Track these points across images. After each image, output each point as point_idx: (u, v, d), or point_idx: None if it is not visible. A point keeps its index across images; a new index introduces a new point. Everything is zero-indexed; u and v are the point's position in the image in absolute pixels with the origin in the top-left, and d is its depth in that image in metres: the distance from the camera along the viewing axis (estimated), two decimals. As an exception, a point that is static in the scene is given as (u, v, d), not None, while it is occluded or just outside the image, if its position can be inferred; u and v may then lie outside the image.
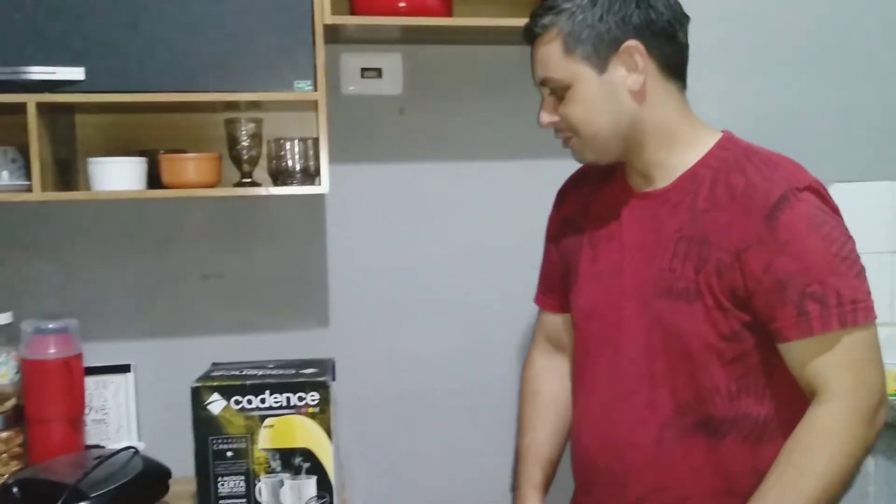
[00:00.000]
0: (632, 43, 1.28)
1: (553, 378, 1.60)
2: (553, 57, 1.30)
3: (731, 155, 1.32)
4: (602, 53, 1.28)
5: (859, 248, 1.25)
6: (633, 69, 1.29)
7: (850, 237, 1.25)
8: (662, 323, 1.31)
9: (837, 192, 1.90)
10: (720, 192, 1.28)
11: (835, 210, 1.28)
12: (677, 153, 1.34)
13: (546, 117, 1.37)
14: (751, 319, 1.26)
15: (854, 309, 1.19)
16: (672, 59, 1.33)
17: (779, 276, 1.21)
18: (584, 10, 1.28)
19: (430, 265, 1.94)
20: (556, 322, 1.60)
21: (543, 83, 1.35)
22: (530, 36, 1.34)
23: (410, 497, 1.97)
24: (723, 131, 1.37)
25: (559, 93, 1.33)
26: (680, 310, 1.29)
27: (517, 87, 1.89)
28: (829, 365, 1.20)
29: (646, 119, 1.32)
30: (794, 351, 1.23)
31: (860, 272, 1.22)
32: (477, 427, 1.98)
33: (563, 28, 1.29)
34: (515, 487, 1.57)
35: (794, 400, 1.26)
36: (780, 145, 1.39)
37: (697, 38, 1.94)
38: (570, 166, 1.92)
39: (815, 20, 2.05)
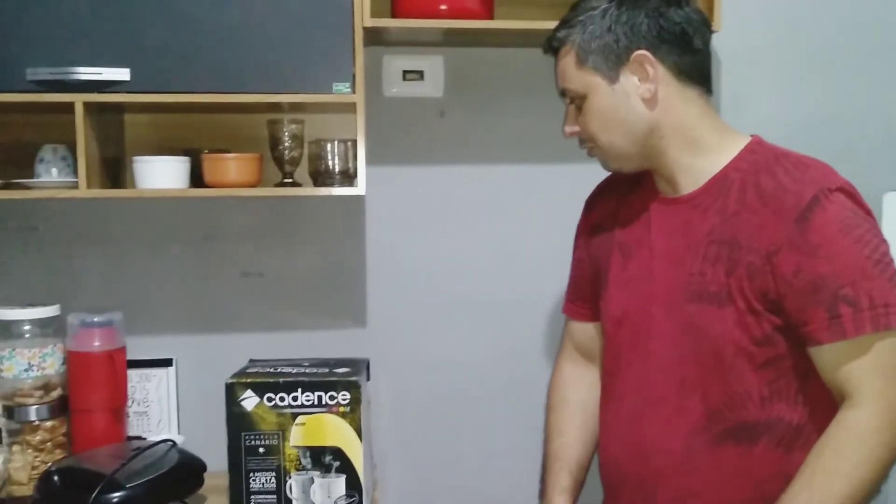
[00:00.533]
0: (641, 52, 1.28)
1: (582, 386, 1.59)
2: (569, 68, 1.33)
3: (760, 158, 1.30)
4: (612, 64, 1.29)
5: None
6: (644, 78, 1.29)
7: (883, 240, 1.22)
8: (693, 328, 1.30)
9: (891, 202, 1.86)
10: (750, 194, 1.27)
11: (868, 212, 1.26)
12: (703, 157, 1.33)
13: (568, 128, 1.39)
14: (782, 323, 1.24)
15: (886, 313, 1.17)
16: (688, 65, 1.32)
17: (811, 278, 1.19)
18: (594, 22, 1.30)
19: (468, 268, 1.94)
20: (586, 330, 1.59)
21: (563, 94, 1.38)
22: (549, 50, 1.38)
23: (443, 498, 1.97)
24: (752, 136, 1.35)
25: (578, 103, 1.35)
26: (711, 314, 1.28)
27: (553, 90, 1.88)
28: (860, 369, 1.18)
29: (663, 125, 1.31)
30: (825, 355, 1.21)
31: (893, 276, 1.19)
32: (510, 430, 1.97)
33: (576, 40, 1.31)
34: (542, 493, 1.56)
35: (826, 405, 1.24)
36: (828, 153, 1.36)
37: (744, 41, 1.93)
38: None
39: (866, 23, 1.99)
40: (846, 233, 1.19)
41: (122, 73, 1.55)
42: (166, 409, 1.88)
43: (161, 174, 1.65)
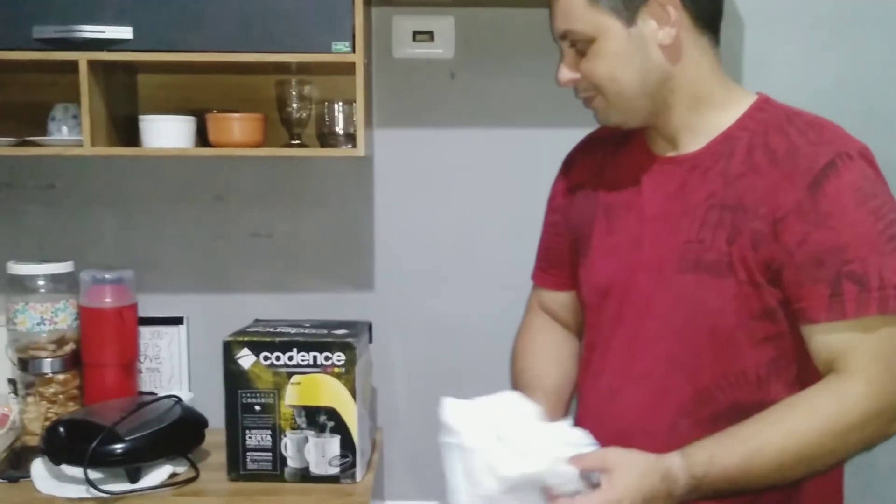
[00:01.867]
0: None
1: (553, 338, 1.50)
2: (576, 7, 1.19)
3: (770, 117, 1.21)
4: (631, 4, 1.18)
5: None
6: (664, 21, 1.18)
7: None
8: (686, 299, 1.21)
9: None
10: (758, 155, 1.17)
11: (883, 181, 1.16)
12: (708, 115, 1.24)
13: (567, 74, 1.26)
14: (784, 297, 1.16)
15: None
16: (707, 10, 1.23)
17: (815, 250, 1.10)
18: None
19: (478, 232, 1.91)
20: (557, 299, 1.51)
21: (564, 36, 1.25)
22: None
23: (448, 464, 1.97)
24: (758, 93, 1.27)
25: (581, 47, 1.22)
26: (707, 285, 1.19)
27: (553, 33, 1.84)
28: (860, 351, 1.09)
29: (676, 77, 1.22)
30: (819, 334, 1.13)
31: None
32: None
33: None
34: None
35: None
36: (857, 120, 1.28)
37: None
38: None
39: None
40: (862, 203, 1.10)
41: (125, 32, 1.56)
42: (177, 366, 1.92)
43: (167, 133, 1.66)
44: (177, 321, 1.91)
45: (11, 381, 1.84)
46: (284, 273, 1.92)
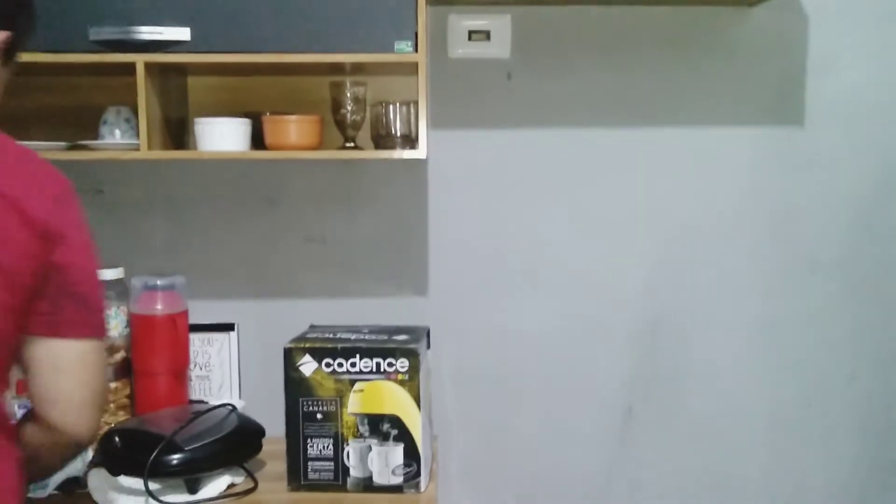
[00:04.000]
0: None
1: None
2: None
3: None
4: None
5: None
6: None
7: None
8: None
9: None
10: None
11: None
12: None
13: None
14: None
15: (104, 322, 1.14)
16: None
17: None
18: None
19: (533, 237, 1.88)
20: None
21: None
22: None
23: (504, 468, 1.93)
24: None
25: None
26: None
27: (628, 49, 1.82)
28: None
29: None
30: None
31: None
32: (572, 402, 1.92)
33: None
34: None
35: None
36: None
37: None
38: (694, 134, 1.84)
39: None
40: (88, 233, 1.15)
41: (183, 33, 1.53)
42: (228, 373, 1.88)
43: (222, 136, 1.63)
44: (227, 328, 1.88)
45: (59, 390, 1.81)
46: (337, 278, 1.88)
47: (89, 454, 1.58)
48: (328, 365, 1.53)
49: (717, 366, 1.92)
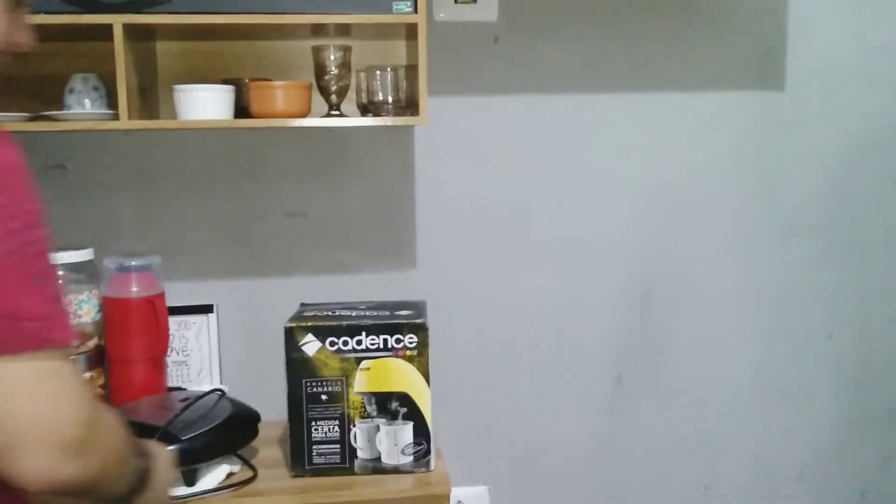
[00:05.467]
0: None
1: None
2: None
3: None
4: None
5: None
6: None
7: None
8: None
9: None
10: None
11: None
12: None
13: None
14: None
15: None
16: None
17: None
18: None
19: (524, 204, 1.83)
20: None
21: None
22: None
23: (498, 440, 1.90)
24: None
25: None
26: None
27: (613, 15, 1.80)
28: None
29: None
30: None
31: None
32: (569, 375, 1.90)
33: None
34: None
35: None
36: None
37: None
38: (678, 100, 1.83)
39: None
40: None
41: (161, -8, 1.42)
42: (207, 357, 1.78)
43: (204, 104, 1.52)
44: (206, 309, 1.77)
45: (24, 383, 1.68)
46: (321, 253, 1.80)
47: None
48: (333, 344, 1.46)
49: (702, 329, 1.93)
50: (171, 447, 1.38)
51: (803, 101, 1.89)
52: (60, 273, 1.58)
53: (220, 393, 1.58)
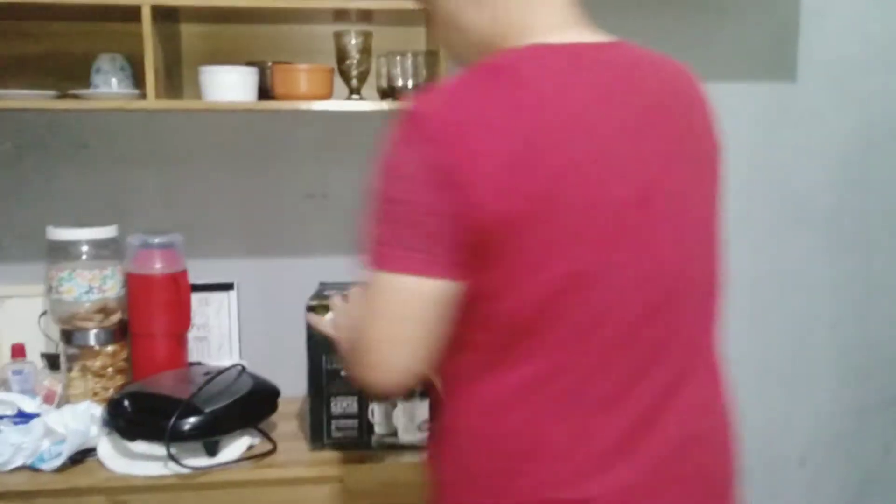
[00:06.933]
0: None
1: None
2: None
3: None
4: None
5: None
6: None
7: (404, 187, 0.93)
8: None
9: None
10: None
11: (414, 155, 0.93)
12: None
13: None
14: None
15: (370, 251, 0.95)
16: None
17: None
18: None
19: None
20: None
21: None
22: None
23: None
24: None
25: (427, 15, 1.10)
26: None
27: (627, 3, 1.81)
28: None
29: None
30: None
31: (388, 220, 0.94)
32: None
33: None
34: None
35: None
36: None
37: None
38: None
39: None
40: (381, 161, 0.98)
41: (188, -25, 1.45)
42: (227, 334, 1.82)
43: (228, 85, 1.56)
44: (226, 287, 1.80)
45: (47, 356, 1.72)
46: (340, 234, 1.82)
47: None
48: (352, 321, 1.49)
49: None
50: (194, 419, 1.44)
51: (815, 91, 1.91)
52: (85, 249, 1.63)
53: (240, 368, 1.63)
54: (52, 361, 1.71)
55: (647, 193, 0.94)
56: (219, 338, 1.81)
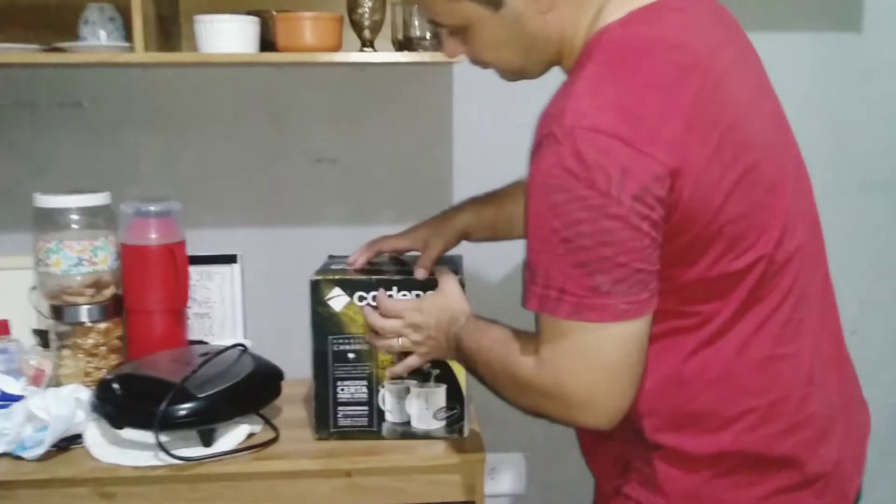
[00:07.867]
0: None
1: None
2: (436, 3, 1.04)
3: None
4: None
5: None
6: None
7: (593, 219, 0.90)
8: None
9: None
10: None
11: (588, 177, 0.90)
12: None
13: (453, 49, 1.11)
14: None
15: (559, 298, 0.94)
16: None
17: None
18: None
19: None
20: None
21: (434, 23, 1.12)
22: None
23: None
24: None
25: (456, 32, 1.07)
26: None
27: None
28: (539, 329, 1.01)
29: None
30: None
31: (586, 263, 0.92)
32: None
33: None
34: None
35: None
36: None
37: None
38: (752, 39, 1.68)
39: None
40: (544, 195, 0.93)
41: (181, -89, 1.30)
42: (230, 310, 1.69)
43: (227, 36, 1.42)
44: (229, 259, 1.68)
45: (39, 333, 1.61)
46: (351, 202, 1.70)
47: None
48: (362, 299, 1.35)
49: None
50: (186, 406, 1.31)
51: (881, 44, 1.74)
52: (75, 218, 1.51)
53: (241, 348, 1.50)
54: (44, 338, 1.60)
55: (780, 140, 1.10)
56: (222, 314, 1.69)
